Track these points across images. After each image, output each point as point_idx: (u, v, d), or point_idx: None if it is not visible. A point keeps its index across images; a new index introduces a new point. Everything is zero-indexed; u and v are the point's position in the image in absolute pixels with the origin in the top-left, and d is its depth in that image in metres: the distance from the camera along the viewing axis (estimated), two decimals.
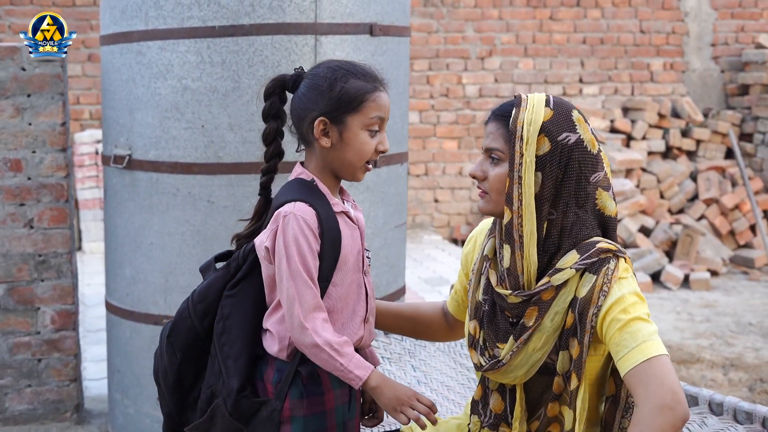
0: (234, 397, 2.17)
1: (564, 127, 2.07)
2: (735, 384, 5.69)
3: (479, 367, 2.18)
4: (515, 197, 2.06)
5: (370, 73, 2.22)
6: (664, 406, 1.88)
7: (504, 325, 2.14)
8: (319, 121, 2.17)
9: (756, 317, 7.04)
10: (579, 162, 2.07)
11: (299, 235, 2.11)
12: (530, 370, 2.11)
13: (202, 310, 2.24)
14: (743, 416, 2.87)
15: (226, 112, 3.66)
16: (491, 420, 2.21)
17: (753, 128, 9.45)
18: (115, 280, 4.05)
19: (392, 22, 3.92)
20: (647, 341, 1.96)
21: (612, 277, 2.02)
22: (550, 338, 2.07)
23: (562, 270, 2.04)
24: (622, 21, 9.53)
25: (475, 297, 2.24)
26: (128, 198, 3.88)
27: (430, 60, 9.13)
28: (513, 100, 2.13)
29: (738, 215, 8.92)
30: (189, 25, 3.64)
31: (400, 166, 4.07)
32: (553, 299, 2.05)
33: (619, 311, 1.99)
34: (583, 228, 2.08)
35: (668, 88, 9.66)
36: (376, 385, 2.12)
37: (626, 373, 1.95)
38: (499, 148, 2.10)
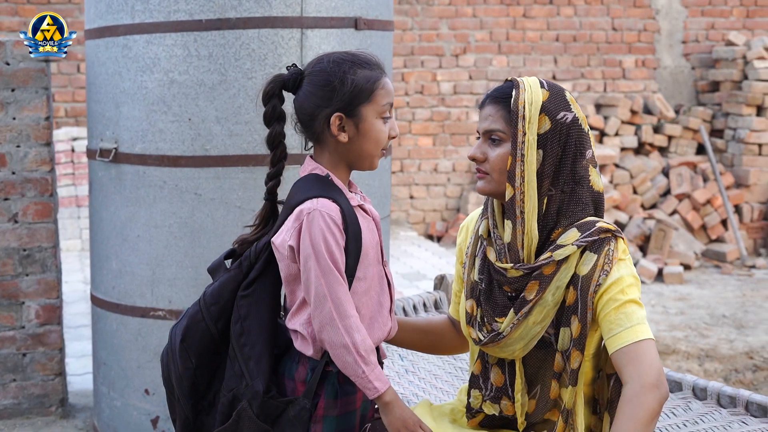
0: (261, 398, 2.14)
1: (561, 106, 2.14)
2: (710, 374, 5.78)
3: (478, 342, 2.22)
4: (518, 174, 2.12)
5: (372, 60, 2.20)
6: (653, 385, 2.00)
7: (502, 300, 2.20)
8: (335, 117, 2.13)
9: (729, 309, 7.15)
10: (575, 139, 2.14)
11: (326, 232, 2.08)
12: (529, 343, 2.17)
13: (217, 311, 2.20)
14: (726, 400, 2.93)
15: (213, 105, 3.68)
16: (492, 393, 2.26)
17: (724, 124, 9.58)
18: (101, 273, 4.06)
19: (376, 16, 3.96)
20: (640, 324, 2.06)
21: (613, 258, 2.10)
22: (551, 312, 2.14)
23: (564, 246, 2.11)
24: (595, 18, 9.63)
25: (471, 278, 2.29)
26: (114, 191, 3.90)
27: (404, 57, 9.19)
28: (508, 84, 2.20)
29: (710, 210, 9.05)
30: (175, 19, 3.66)
31: (384, 159, 4.10)
32: (554, 274, 2.11)
33: (617, 291, 2.08)
34: (579, 204, 2.15)
35: (640, 85, 9.77)
36: (389, 401, 2.12)
37: (617, 351, 2.06)
38: (500, 129, 2.16)
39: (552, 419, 2.24)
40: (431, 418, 2.31)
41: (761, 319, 6.92)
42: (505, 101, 2.16)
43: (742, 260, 8.70)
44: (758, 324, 6.78)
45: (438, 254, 8.22)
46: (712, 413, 2.90)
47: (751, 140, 9.28)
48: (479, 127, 2.23)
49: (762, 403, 2.83)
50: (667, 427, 2.82)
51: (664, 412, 2.94)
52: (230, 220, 3.72)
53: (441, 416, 2.38)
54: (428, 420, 2.29)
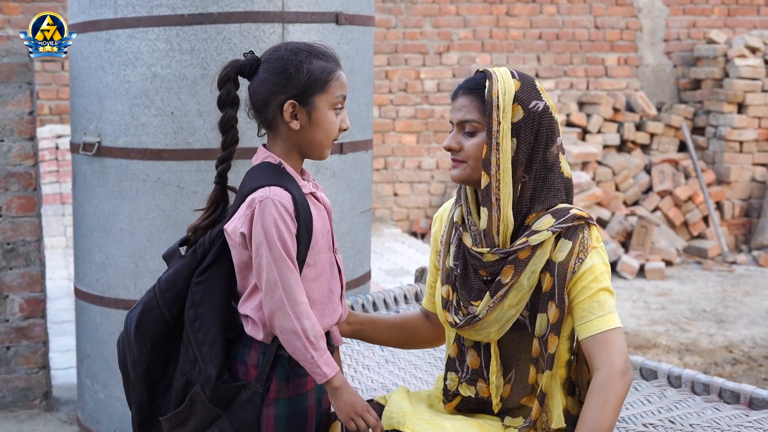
0: (213, 383, 2.17)
1: (533, 95, 2.21)
2: (690, 368, 5.84)
3: (454, 325, 2.28)
4: (493, 162, 2.18)
5: (329, 52, 2.24)
6: (622, 372, 2.12)
7: (477, 284, 2.25)
8: (288, 104, 2.17)
9: (709, 304, 7.22)
10: (547, 127, 2.22)
11: (278, 220, 2.11)
12: (504, 326, 2.23)
13: (171, 297, 2.23)
14: (701, 388, 2.98)
15: (195, 99, 3.71)
16: (468, 376, 2.32)
17: (705, 122, 9.65)
18: (84, 267, 4.09)
19: (357, 11, 4.00)
20: (612, 313, 2.17)
21: (588, 246, 2.18)
22: (526, 296, 2.20)
23: (539, 232, 2.17)
24: (577, 17, 9.70)
25: (446, 265, 2.34)
26: (98, 185, 3.93)
27: (388, 55, 9.23)
28: (479, 75, 2.26)
29: (691, 207, 9.12)
30: (158, 13, 3.70)
31: (365, 152, 4.15)
32: (529, 258, 2.17)
33: (590, 279, 2.16)
34: (552, 189, 2.22)
35: (622, 83, 9.84)
36: (338, 386, 2.16)
37: (588, 338, 2.15)
38: (475, 119, 2.21)
39: (528, 405, 2.29)
40: (408, 402, 2.35)
41: (741, 313, 6.99)
42: (479, 92, 2.22)
43: (723, 256, 8.78)
44: (738, 319, 6.85)
45: (421, 251, 8.26)
46: (686, 400, 2.95)
47: (732, 137, 9.36)
48: (452, 118, 2.28)
49: (735, 390, 2.88)
50: (641, 414, 2.86)
51: (639, 399, 2.99)
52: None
53: (418, 401, 2.42)
54: (405, 403, 2.33)
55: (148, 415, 2.30)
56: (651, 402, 2.98)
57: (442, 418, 2.31)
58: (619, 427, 2.78)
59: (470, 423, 2.28)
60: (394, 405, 2.34)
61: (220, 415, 2.19)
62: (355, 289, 4.15)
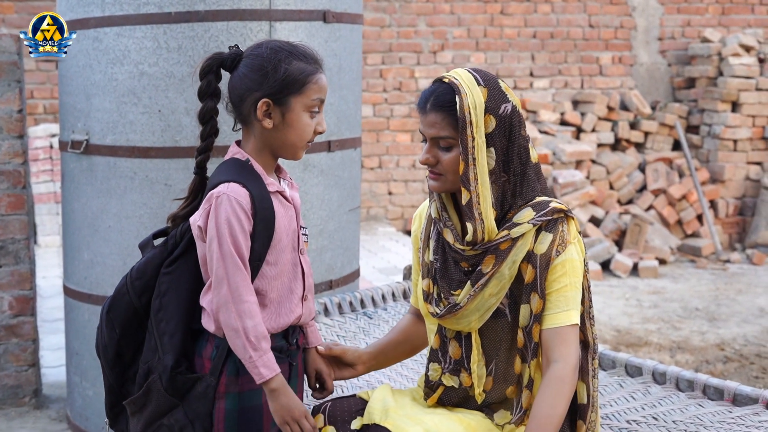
0: (169, 373, 2.18)
1: (501, 100, 2.23)
2: (681, 365, 5.85)
3: (435, 315, 2.32)
4: (472, 178, 2.21)
5: (311, 54, 2.23)
6: (576, 366, 2.22)
7: (458, 275, 2.29)
8: (262, 102, 2.16)
9: (702, 303, 7.23)
10: (517, 125, 2.25)
11: (231, 216, 2.11)
12: (484, 314, 2.27)
13: (140, 286, 2.25)
14: (685, 384, 2.98)
15: (183, 96, 3.72)
16: (451, 366, 2.35)
17: (699, 120, 9.66)
18: (73, 264, 4.09)
19: (345, 9, 4.00)
20: (575, 310, 2.24)
21: (566, 240, 2.23)
22: (506, 285, 2.24)
23: (520, 224, 2.22)
24: (572, 15, 9.70)
25: (426, 259, 2.37)
26: (86, 182, 3.93)
27: (383, 54, 9.23)
28: (445, 88, 2.25)
29: (685, 205, 9.13)
30: (145, 11, 3.70)
31: (353, 150, 4.15)
32: (510, 249, 2.22)
33: (561, 273, 2.22)
34: (530, 182, 2.26)
35: (617, 82, 9.85)
36: (276, 388, 2.15)
37: (550, 329, 2.23)
38: (449, 135, 2.22)
39: (511, 397, 2.32)
40: (392, 397, 2.37)
41: (733, 312, 7.00)
42: (449, 108, 2.22)
43: (717, 255, 8.79)
44: (730, 317, 6.86)
45: None
46: (670, 397, 2.96)
47: (726, 136, 9.37)
48: (425, 132, 2.28)
49: (719, 387, 2.88)
50: (625, 411, 2.87)
51: (623, 396, 3.00)
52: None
53: (401, 397, 2.44)
54: (389, 399, 2.36)
55: (118, 398, 2.34)
56: (635, 398, 2.98)
57: (423, 412, 2.34)
58: (602, 423, 2.79)
59: (450, 417, 2.30)
60: (377, 401, 2.35)
61: (176, 405, 2.21)
62: (343, 286, 4.16)
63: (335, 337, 3.58)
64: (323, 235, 4.00)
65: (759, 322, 6.74)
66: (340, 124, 4.03)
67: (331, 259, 4.06)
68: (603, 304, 7.10)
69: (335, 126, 4.00)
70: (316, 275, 4.00)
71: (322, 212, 3.99)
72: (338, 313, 3.79)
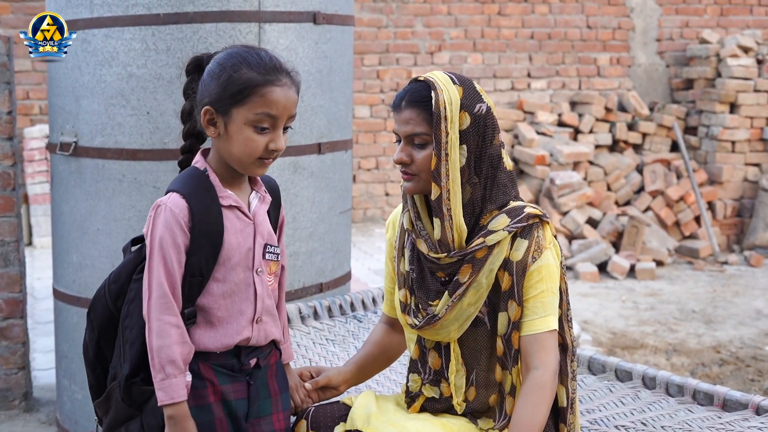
0: (124, 382, 2.14)
1: (475, 99, 2.23)
2: (677, 368, 5.82)
3: (414, 326, 2.30)
4: (443, 173, 2.19)
5: (270, 65, 2.09)
6: (555, 372, 2.22)
7: (435, 285, 2.27)
8: (205, 109, 2.08)
9: (699, 305, 7.20)
10: (491, 127, 2.24)
11: (164, 228, 2.05)
12: (463, 324, 2.25)
13: (116, 290, 2.21)
14: (675, 389, 2.96)
15: (171, 98, 3.70)
16: (431, 377, 2.34)
17: (697, 121, 9.63)
18: (62, 267, 4.07)
19: (336, 11, 3.98)
20: (553, 315, 2.23)
21: (541, 246, 2.22)
22: (484, 294, 2.23)
23: (495, 232, 2.20)
24: (569, 16, 9.68)
25: (401, 269, 2.36)
26: (75, 185, 3.91)
27: (380, 55, 9.21)
28: (420, 85, 2.25)
29: (683, 207, 9.10)
30: (133, 13, 3.68)
31: (344, 152, 4.13)
32: (486, 257, 2.21)
33: (538, 279, 2.21)
34: (501, 187, 2.25)
35: (615, 83, 9.82)
36: (171, 416, 2.07)
37: (529, 335, 2.21)
38: (424, 131, 2.21)
39: (494, 406, 2.30)
40: (375, 403, 2.36)
41: (730, 314, 6.97)
42: (425, 104, 2.21)
43: (715, 256, 8.76)
44: (727, 319, 6.83)
45: None
46: (659, 402, 2.94)
47: (725, 137, 9.34)
48: (399, 131, 2.26)
49: (708, 392, 2.87)
50: (614, 416, 2.85)
51: (612, 401, 2.98)
52: None
53: (385, 403, 2.42)
54: (372, 405, 2.34)
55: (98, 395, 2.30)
56: (624, 404, 2.96)
57: (405, 418, 2.32)
58: (591, 429, 2.77)
59: (433, 422, 2.29)
60: (360, 407, 2.34)
61: (134, 415, 2.16)
62: (334, 289, 4.14)
63: (324, 341, 3.55)
64: (313, 238, 3.98)
65: (755, 324, 6.71)
66: (330, 126, 4.00)
67: (321, 262, 4.04)
68: (599, 306, 7.07)
69: (325, 128, 3.98)
70: (306, 278, 3.98)
71: (312, 215, 3.96)
72: (328, 316, 3.77)
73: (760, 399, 2.76)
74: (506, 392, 2.28)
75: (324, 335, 3.62)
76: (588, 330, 6.37)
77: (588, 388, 3.09)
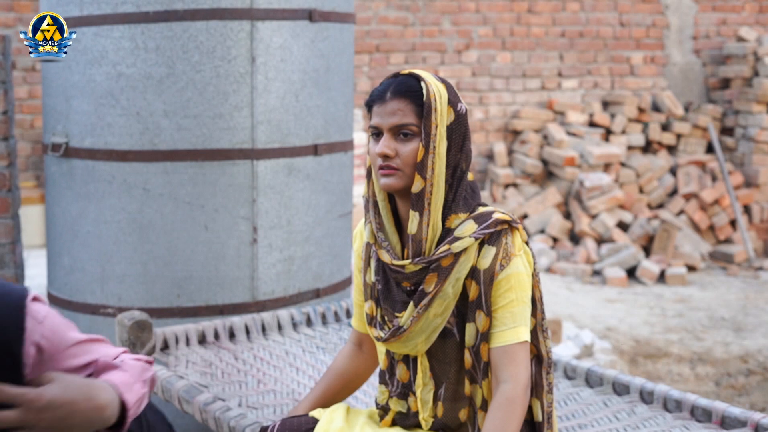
0: None
1: (457, 98, 2.19)
2: (702, 378, 5.63)
3: (380, 339, 2.23)
4: (429, 166, 2.12)
5: None
6: (526, 386, 2.13)
7: (401, 297, 2.20)
8: None
9: (729, 312, 6.97)
10: (469, 129, 2.20)
11: None
12: (430, 336, 2.17)
13: None
14: (673, 404, 2.86)
15: (161, 98, 3.61)
16: (398, 390, 2.26)
17: (734, 122, 9.38)
18: (54, 270, 4.00)
19: (334, 8, 3.87)
20: (523, 326, 2.14)
21: (510, 254, 2.14)
22: (451, 304, 2.15)
23: (462, 238, 2.12)
24: (602, 14, 9.47)
25: (368, 280, 2.28)
26: (66, 186, 3.83)
27: (406, 53, 9.07)
28: (406, 78, 2.18)
29: (718, 210, 8.86)
30: (123, 11, 3.59)
31: (344, 154, 4.01)
32: (453, 265, 2.13)
33: (506, 289, 2.13)
34: (467, 190, 2.19)
35: (648, 82, 9.59)
36: None
37: (498, 348, 2.13)
38: (412, 122, 2.13)
39: (465, 421, 2.22)
40: (343, 419, 2.30)
41: (761, 321, 6.74)
42: (414, 94, 2.14)
43: (750, 262, 8.51)
44: (757, 327, 6.60)
45: None
46: (655, 417, 2.85)
47: (762, 138, 9.08)
48: (381, 123, 2.17)
49: (707, 408, 2.79)
50: None
51: (607, 416, 2.90)
52: (179, 216, 3.64)
53: (356, 417, 2.35)
54: (339, 420, 2.29)
55: None
56: (618, 419, 2.87)
57: None
58: None
59: None
60: (326, 422, 2.28)
61: None
62: (333, 294, 4.03)
63: (314, 349, 3.46)
64: (309, 242, 3.87)
65: None
66: (328, 126, 3.89)
67: (318, 267, 3.93)
68: (625, 312, 6.88)
69: (323, 129, 3.87)
70: (302, 283, 3.88)
71: (307, 218, 3.85)
72: (321, 324, 3.68)
73: (759, 417, 2.66)
74: (477, 407, 2.19)
75: (315, 343, 3.52)
76: (610, 337, 6.18)
77: (583, 402, 2.99)
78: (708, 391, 5.46)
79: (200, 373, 3.13)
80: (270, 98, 3.67)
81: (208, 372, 3.15)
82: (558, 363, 3.21)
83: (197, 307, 3.68)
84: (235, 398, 2.97)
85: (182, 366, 3.17)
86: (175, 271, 3.66)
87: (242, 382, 3.12)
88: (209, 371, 3.16)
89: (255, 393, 3.04)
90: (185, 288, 3.67)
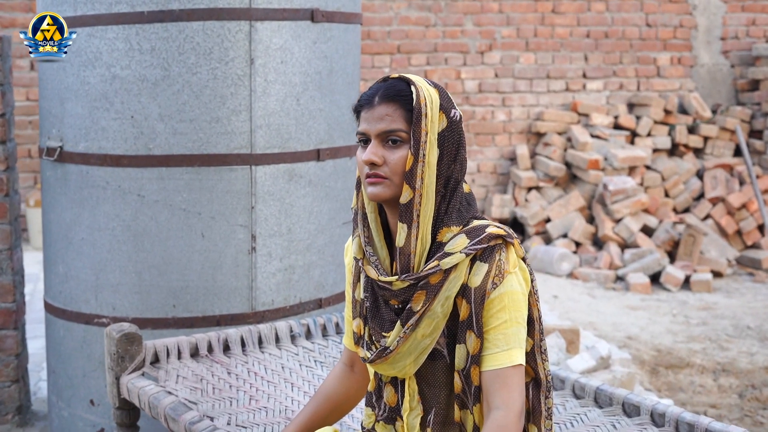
0: None
1: (450, 103, 2.07)
2: (725, 390, 5.44)
3: (366, 360, 2.10)
4: (418, 176, 2.00)
5: None
6: (520, 413, 1.99)
7: (389, 315, 2.07)
8: None
9: (755, 320, 6.76)
10: (461, 137, 2.07)
11: None
12: (419, 357, 2.04)
13: None
14: (685, 428, 2.73)
15: (156, 101, 3.48)
16: (386, 413, 2.14)
17: (763, 125, 9.16)
18: (50, 278, 3.89)
19: (338, 8, 3.73)
20: (517, 348, 2.01)
21: (503, 271, 2.00)
22: (440, 324, 2.02)
23: (452, 254, 1.99)
24: (628, 14, 9.27)
25: (357, 297, 2.16)
26: (60, 192, 3.72)
27: (427, 54, 8.92)
28: (396, 82, 2.06)
29: (745, 215, 8.62)
30: (117, 11, 3.47)
31: (348, 159, 3.87)
32: (442, 283, 1.99)
33: (499, 308, 1.99)
34: (461, 201, 2.06)
35: (675, 84, 9.38)
36: None
37: (490, 371, 2.00)
38: (401, 128, 2.01)
39: None
40: None
41: None
42: (403, 98, 2.01)
43: None
44: None
45: None
46: None
47: None
48: (368, 129, 2.05)
49: None
50: None
51: None
52: (174, 223, 3.52)
53: None
54: None
55: None
56: None
57: None
58: None
59: None
60: None
61: None
62: (336, 305, 3.89)
63: (312, 363, 3.32)
64: (311, 251, 3.73)
65: None
66: (331, 131, 3.75)
67: (320, 276, 3.79)
68: (647, 320, 6.68)
69: (326, 133, 3.73)
70: (303, 293, 3.74)
71: (310, 226, 3.71)
72: (321, 336, 3.54)
73: None
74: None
75: (314, 357, 3.39)
76: (630, 346, 6.00)
77: (590, 424, 2.84)
78: (731, 403, 5.27)
79: (190, 389, 3.00)
80: (269, 101, 3.54)
81: (198, 387, 3.02)
82: (566, 380, 3.06)
83: (194, 318, 3.55)
84: (224, 416, 2.85)
85: (172, 381, 3.04)
86: (170, 281, 3.53)
87: (233, 398, 2.98)
88: (200, 387, 3.03)
89: (246, 411, 2.91)
90: (181, 298, 3.54)
